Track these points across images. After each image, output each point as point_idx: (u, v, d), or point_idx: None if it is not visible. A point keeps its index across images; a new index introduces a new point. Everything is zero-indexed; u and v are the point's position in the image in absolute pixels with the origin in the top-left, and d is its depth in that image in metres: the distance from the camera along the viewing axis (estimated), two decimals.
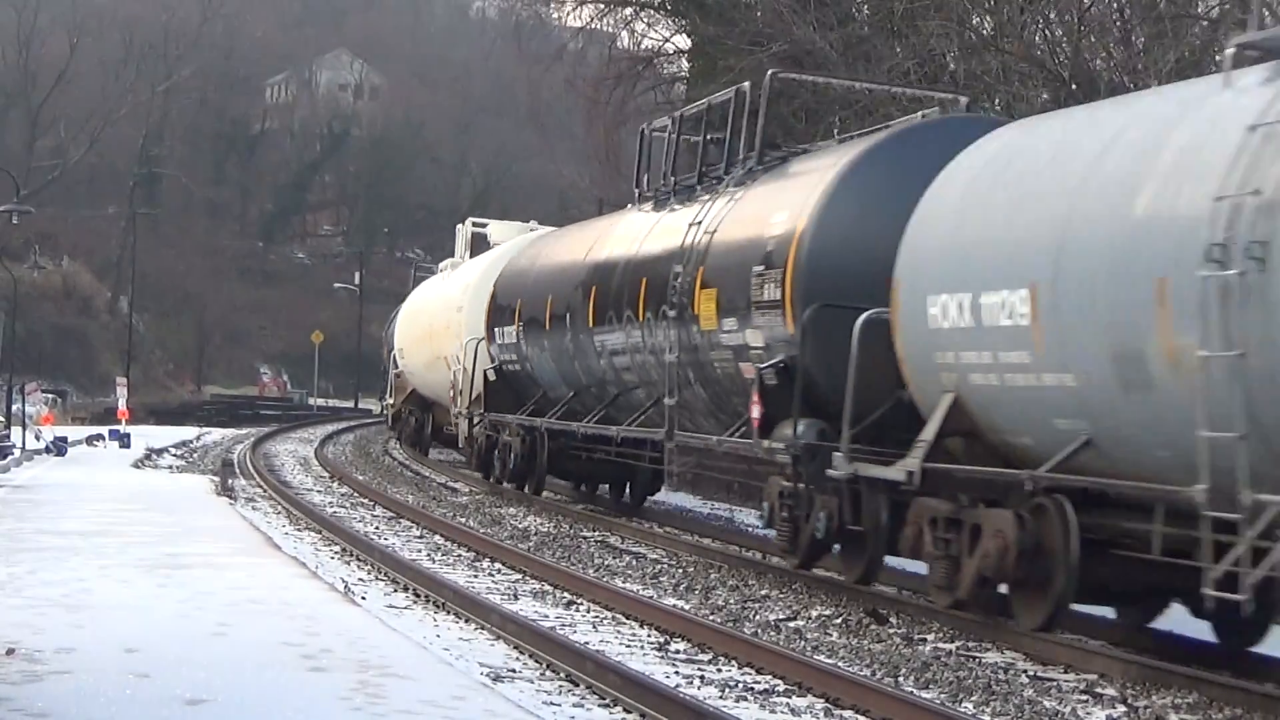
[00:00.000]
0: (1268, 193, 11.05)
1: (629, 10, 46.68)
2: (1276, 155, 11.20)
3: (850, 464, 15.89)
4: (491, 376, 30.55)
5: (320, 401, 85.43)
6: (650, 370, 22.16)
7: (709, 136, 23.33)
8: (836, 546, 17.17)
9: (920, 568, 15.69)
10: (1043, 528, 13.47)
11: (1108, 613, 14.96)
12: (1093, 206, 12.88)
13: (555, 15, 55.61)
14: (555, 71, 48.77)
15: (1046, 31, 29.36)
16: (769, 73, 21.74)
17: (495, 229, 38.76)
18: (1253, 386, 11.08)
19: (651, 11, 46.39)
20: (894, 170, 17.34)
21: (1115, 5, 28.33)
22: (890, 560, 16.83)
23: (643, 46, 48.11)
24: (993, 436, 14.33)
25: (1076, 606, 14.22)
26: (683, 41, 46.18)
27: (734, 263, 19.24)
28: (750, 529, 23.93)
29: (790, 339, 17.62)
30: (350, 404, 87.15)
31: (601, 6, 46.91)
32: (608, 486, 28.08)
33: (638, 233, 23.64)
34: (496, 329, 30.46)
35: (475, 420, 31.65)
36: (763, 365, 18.18)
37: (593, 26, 49.01)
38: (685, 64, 45.59)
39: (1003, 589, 14.23)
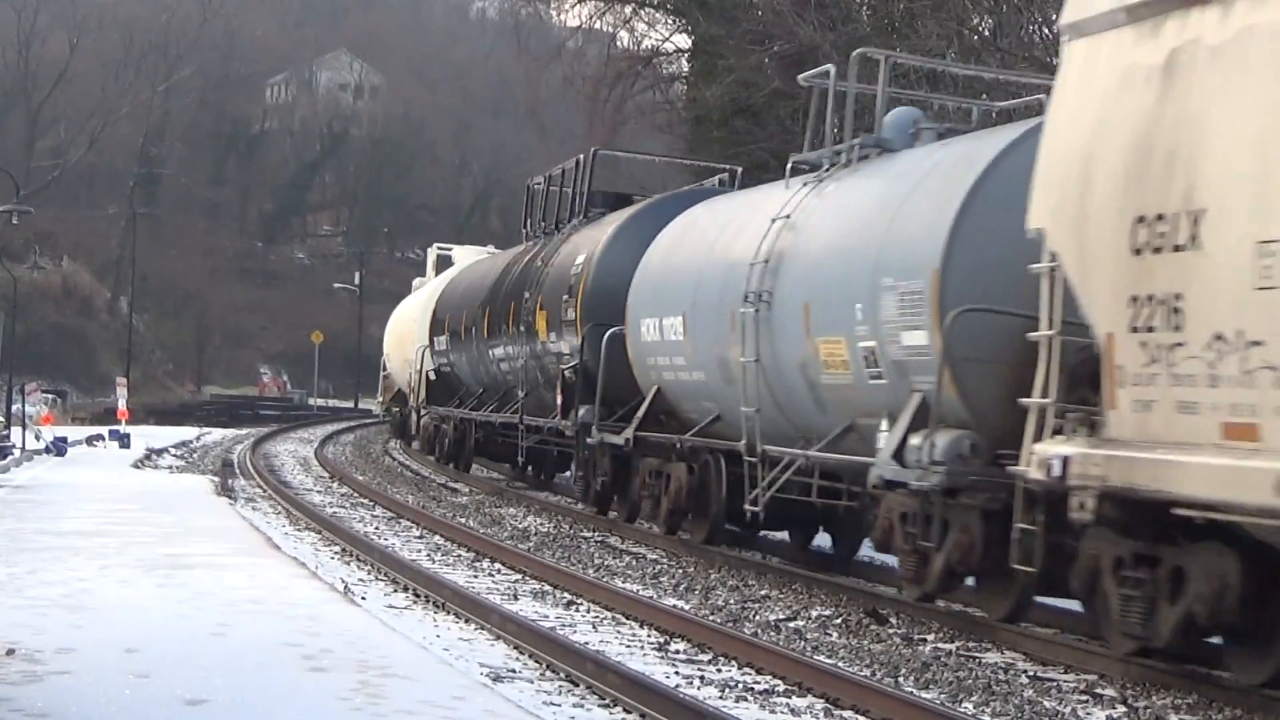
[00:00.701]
0: (771, 261, 17.90)
1: (628, 9, 46.68)
2: (777, 236, 18.04)
3: (599, 434, 23.07)
4: (432, 377, 37.63)
5: (320, 402, 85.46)
6: (519, 371, 29.39)
7: (565, 191, 30.02)
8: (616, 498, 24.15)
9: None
10: (704, 474, 20.14)
11: None
12: (710, 264, 19.85)
13: (555, 14, 55.65)
14: (554, 70, 48.81)
15: (1046, 30, 29.36)
16: (593, 150, 29.54)
17: (459, 252, 46.31)
18: (763, 380, 18.06)
19: (651, 10, 46.39)
20: (642, 231, 23.99)
21: None
22: (889, 561, 17.58)
23: (642, 46, 48.13)
24: (679, 414, 21.26)
25: (1074, 606, 14.38)
26: (682, 40, 46.19)
27: (554, 291, 26.82)
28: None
29: (578, 348, 24.76)
30: (350, 404, 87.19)
31: (601, 4, 46.91)
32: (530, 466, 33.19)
33: (513, 265, 31.14)
34: (435, 338, 37.31)
35: (423, 412, 38.99)
36: (564, 366, 25.59)
37: (592, 25, 49.03)
38: (685, 63, 45.59)
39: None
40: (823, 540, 20.55)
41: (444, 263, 46.57)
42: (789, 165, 19.52)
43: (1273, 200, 10.23)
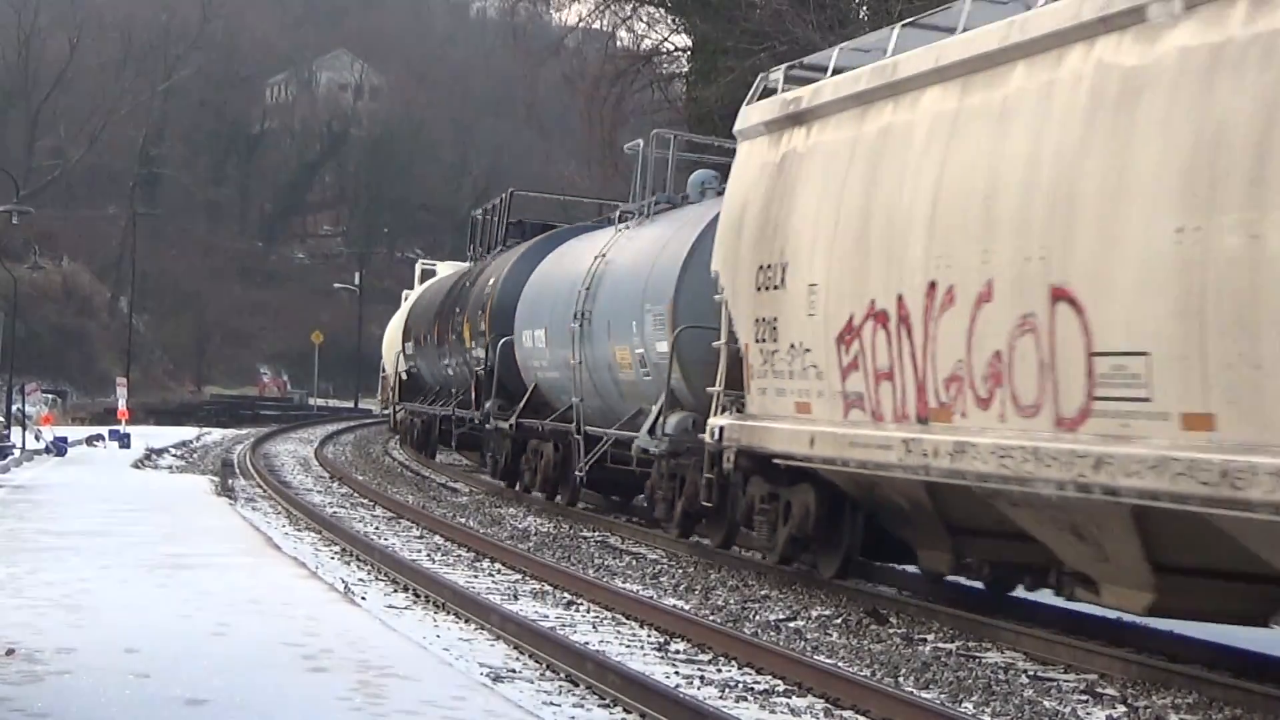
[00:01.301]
0: (591, 287, 24.18)
1: (628, 7, 46.66)
2: (596, 268, 24.28)
3: (494, 422, 29.27)
4: (404, 377, 43.71)
5: (320, 402, 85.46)
6: (457, 373, 35.34)
7: (494, 221, 36.79)
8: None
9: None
10: (566, 450, 26.16)
11: (1107, 613, 14.96)
12: (561, 288, 26.05)
13: (554, 13, 55.61)
14: (553, 69, 48.77)
15: None
16: (509, 191, 36.53)
17: (441, 268, 50.61)
18: (585, 377, 24.39)
19: (651, 9, 46.38)
20: (536, 259, 29.56)
21: None
22: (889, 561, 18.03)
23: (642, 45, 48.12)
24: (550, 404, 27.11)
25: (1074, 606, 14.43)
26: (682, 40, 46.18)
27: (474, 307, 32.67)
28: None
29: (485, 354, 30.79)
30: (350, 404, 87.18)
31: (600, 3, 46.89)
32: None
33: (455, 285, 37.35)
34: (405, 344, 43.56)
35: (398, 408, 46.17)
36: (478, 368, 31.65)
37: (591, 24, 48.99)
38: (685, 63, 45.57)
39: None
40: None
41: (427, 276, 51.75)
42: (616, 213, 26.11)
43: (816, 257, 16.22)
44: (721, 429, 17.94)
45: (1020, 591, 15.55)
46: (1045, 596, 14.72)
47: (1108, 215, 12.12)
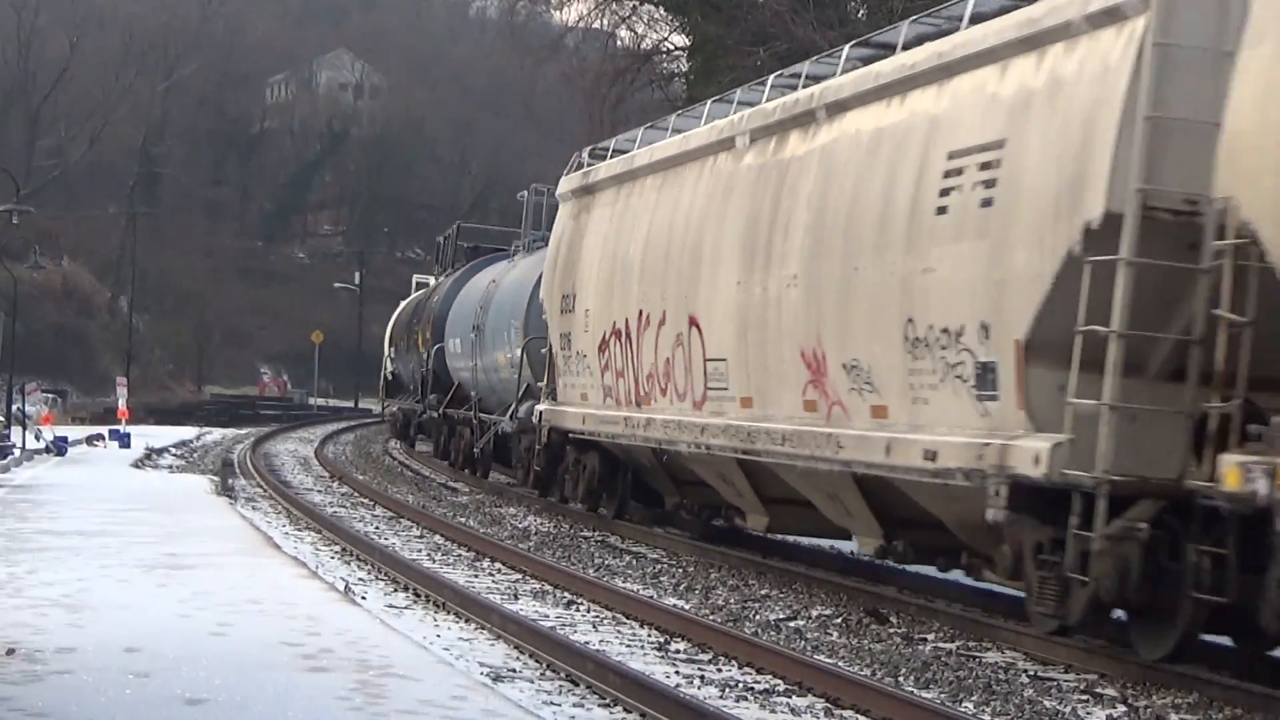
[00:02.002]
0: (484, 305, 32.28)
1: (628, 6, 46.66)
2: (489, 290, 32.58)
3: (429, 412, 38.19)
4: (390, 377, 49.52)
5: (320, 401, 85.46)
6: (415, 374, 41.96)
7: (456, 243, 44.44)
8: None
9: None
10: (482, 433, 32.50)
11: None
12: (472, 305, 33.28)
13: (554, 12, 55.56)
14: (553, 68, 48.75)
15: None
16: (457, 225, 47.07)
17: (434, 281, 55.44)
18: (481, 375, 32.90)
19: (651, 8, 46.37)
20: (465, 280, 37.34)
21: None
22: (889, 561, 17.98)
23: (642, 44, 48.11)
24: (468, 397, 34.16)
25: None
26: (681, 39, 46.17)
27: (425, 319, 40.39)
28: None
29: (429, 357, 38.60)
30: (350, 404, 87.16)
31: (600, 1, 46.88)
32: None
33: (421, 299, 45.12)
34: (389, 349, 49.89)
35: (386, 404, 52.05)
36: (423, 369, 39.41)
37: (591, 24, 48.98)
38: (684, 62, 45.55)
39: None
40: (820, 542, 20.65)
41: (420, 288, 55.90)
42: (513, 245, 34.63)
43: (590, 290, 23.34)
44: (541, 413, 25.61)
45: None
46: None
47: (713, 269, 19.16)
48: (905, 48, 16.38)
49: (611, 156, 24.07)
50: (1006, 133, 13.98)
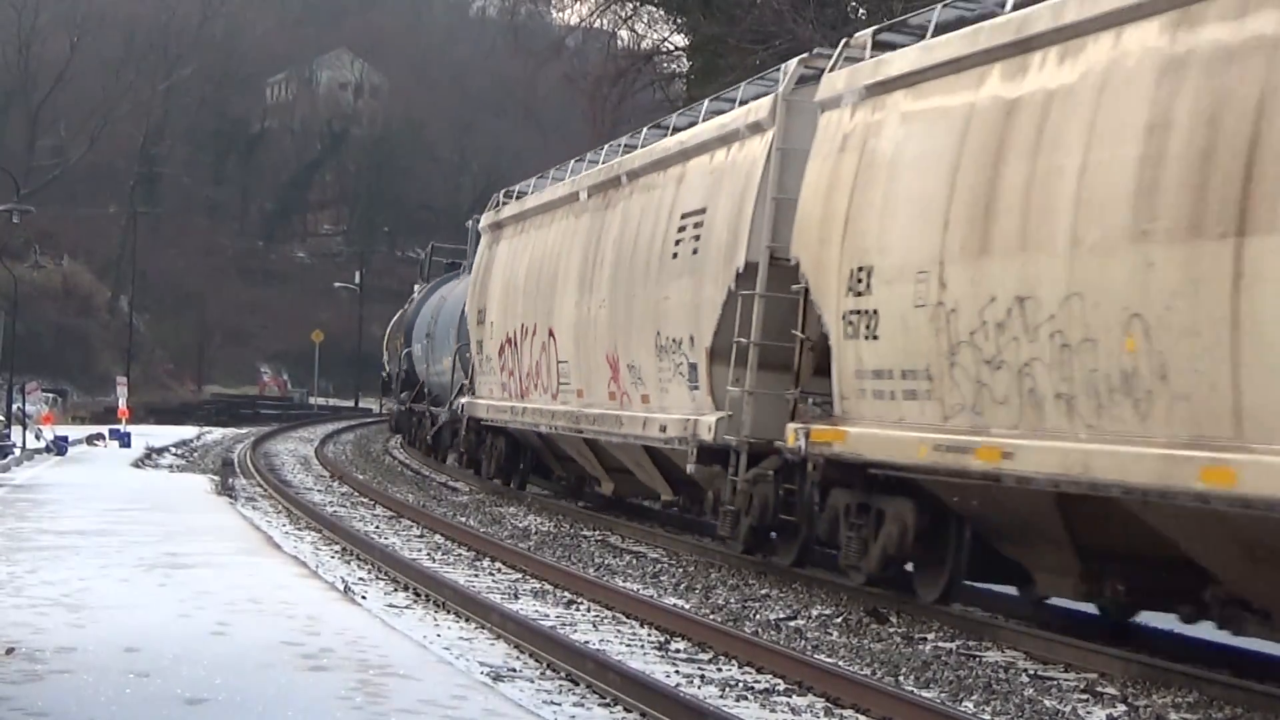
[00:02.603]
0: (433, 316, 42.01)
1: (629, 7, 46.65)
2: (439, 304, 41.66)
3: (399, 406, 47.62)
4: (386, 378, 55.68)
5: (320, 401, 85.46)
6: (398, 374, 48.76)
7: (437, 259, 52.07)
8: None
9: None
10: (437, 424, 39.98)
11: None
12: (428, 315, 42.96)
13: (554, 13, 55.56)
14: (554, 68, 48.75)
15: None
16: (431, 245, 55.79)
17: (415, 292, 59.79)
18: (433, 376, 41.91)
19: (651, 9, 46.36)
20: (431, 294, 44.54)
21: None
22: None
23: (642, 44, 48.10)
24: (427, 395, 42.25)
25: (1074, 605, 14.42)
26: (682, 39, 46.16)
27: (405, 326, 47.25)
28: None
29: (402, 359, 46.66)
30: (350, 403, 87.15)
31: (600, 2, 46.88)
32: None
33: (406, 308, 51.31)
34: (385, 351, 55.95)
35: (383, 401, 62.06)
36: (399, 370, 47.16)
37: (592, 24, 48.97)
38: (685, 62, 45.55)
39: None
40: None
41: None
42: (463, 265, 40.82)
43: (495, 305, 30.56)
44: (462, 405, 32.39)
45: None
46: (1059, 598, 14.69)
47: (563, 293, 25.36)
48: (675, 131, 22.43)
49: (516, 199, 30.59)
50: (707, 202, 20.07)
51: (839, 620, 15.32)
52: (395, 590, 16.69)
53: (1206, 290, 11.21)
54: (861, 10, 36.41)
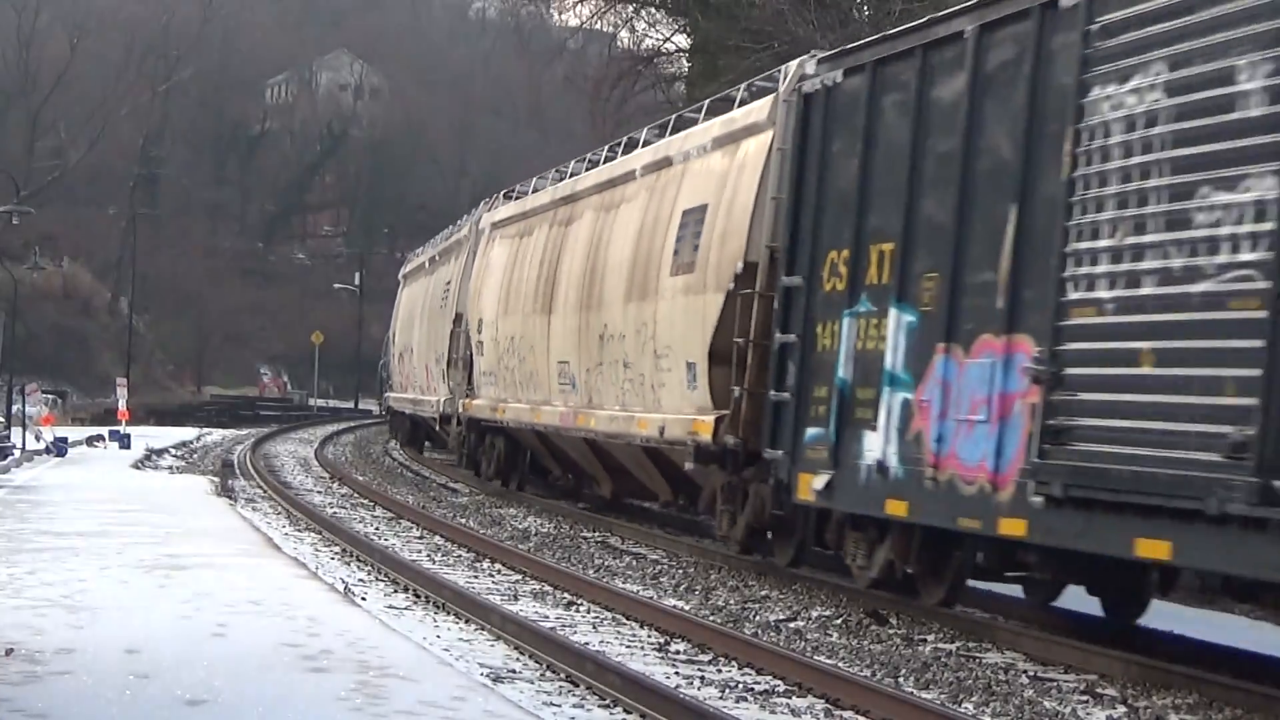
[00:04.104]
0: (411, 314, 49.34)
1: (630, 8, 46.66)
2: (408, 298, 49.78)
3: (386, 403, 54.75)
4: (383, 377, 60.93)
5: (320, 402, 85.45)
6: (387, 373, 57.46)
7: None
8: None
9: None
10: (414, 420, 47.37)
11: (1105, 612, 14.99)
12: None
13: (556, 14, 55.59)
14: (555, 69, 48.74)
15: None
16: (408, 264, 55.90)
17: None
18: (391, 374, 52.58)
19: (652, 10, 46.37)
20: (406, 288, 49.72)
21: None
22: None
23: (643, 45, 48.13)
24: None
25: (1075, 606, 14.43)
26: (682, 40, 46.17)
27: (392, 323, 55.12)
28: None
29: (386, 361, 55.59)
30: (350, 404, 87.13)
31: (601, 4, 46.91)
32: None
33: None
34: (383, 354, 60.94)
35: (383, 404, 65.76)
36: (385, 370, 55.92)
37: (593, 25, 49.00)
38: (685, 63, 45.55)
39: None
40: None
41: None
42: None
43: (400, 329, 48.52)
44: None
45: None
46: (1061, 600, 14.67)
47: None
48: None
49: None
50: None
51: (839, 622, 15.32)
52: (395, 592, 16.69)
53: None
54: (865, 9, 36.39)
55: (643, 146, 24.28)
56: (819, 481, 16.02)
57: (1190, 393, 11.27)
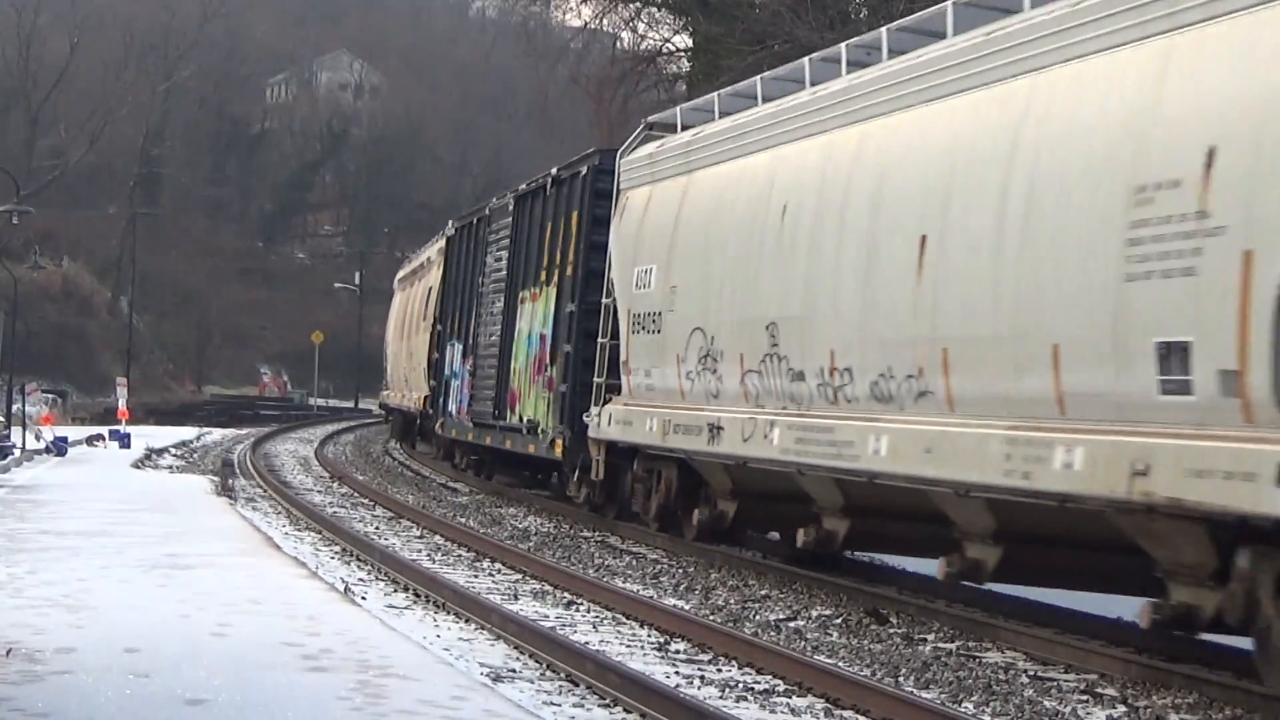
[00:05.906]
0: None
1: (631, 8, 46.69)
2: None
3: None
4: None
5: (320, 401, 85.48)
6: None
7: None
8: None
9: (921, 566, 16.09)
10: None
11: (1106, 611, 14.98)
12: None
13: (557, 14, 55.63)
14: (559, 70, 48.77)
15: None
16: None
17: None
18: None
19: (653, 10, 46.40)
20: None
21: None
22: (892, 560, 18.86)
23: (644, 45, 48.17)
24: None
25: (1075, 605, 14.44)
26: (683, 41, 46.21)
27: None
28: None
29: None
30: (350, 404, 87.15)
31: (604, 4, 46.95)
32: None
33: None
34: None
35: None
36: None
37: (595, 25, 49.04)
38: (686, 63, 45.59)
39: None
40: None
41: None
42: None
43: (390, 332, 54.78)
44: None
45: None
46: (1050, 595, 14.68)
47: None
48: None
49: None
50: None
51: (838, 621, 15.32)
52: (395, 591, 16.69)
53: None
54: (864, 10, 36.40)
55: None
56: None
57: None
